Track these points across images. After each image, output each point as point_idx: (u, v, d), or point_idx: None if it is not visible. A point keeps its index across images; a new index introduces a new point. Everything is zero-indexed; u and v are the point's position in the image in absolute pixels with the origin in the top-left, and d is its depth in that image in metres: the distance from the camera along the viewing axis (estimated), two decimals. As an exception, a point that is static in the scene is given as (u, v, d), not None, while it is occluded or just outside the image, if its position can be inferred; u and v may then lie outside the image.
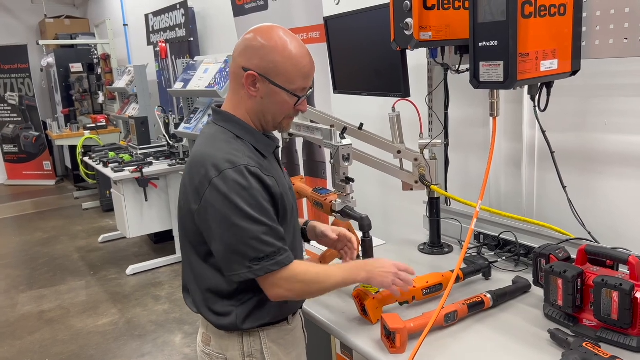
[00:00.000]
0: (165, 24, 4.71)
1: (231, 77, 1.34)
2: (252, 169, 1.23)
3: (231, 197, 1.20)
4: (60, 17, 8.04)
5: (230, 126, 1.32)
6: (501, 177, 2.04)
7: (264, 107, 1.30)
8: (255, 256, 1.22)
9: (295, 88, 1.29)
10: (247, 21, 2.84)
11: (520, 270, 1.67)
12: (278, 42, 1.26)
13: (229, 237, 1.22)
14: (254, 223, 1.21)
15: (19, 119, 8.01)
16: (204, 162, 1.25)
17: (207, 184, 1.22)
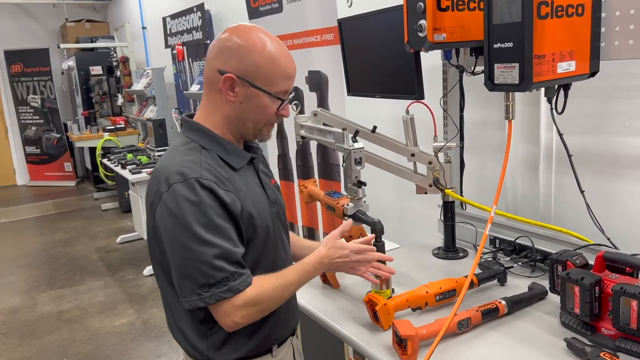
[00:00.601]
0: (182, 26, 4.75)
1: (205, 82, 1.22)
2: (205, 182, 1.11)
3: (179, 214, 1.09)
4: (81, 21, 8.16)
5: (196, 136, 1.21)
6: (518, 181, 2.01)
7: (244, 112, 1.20)
8: (205, 282, 1.10)
9: (278, 91, 1.20)
10: (262, 23, 2.84)
11: (537, 276, 1.63)
12: (257, 42, 1.17)
13: (179, 259, 1.12)
14: (204, 245, 1.09)
15: (41, 121, 8.15)
16: (158, 176, 1.16)
17: (158, 199, 1.13)
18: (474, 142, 2.14)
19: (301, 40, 2.57)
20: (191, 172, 1.12)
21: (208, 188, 1.12)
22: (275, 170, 3.02)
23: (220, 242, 1.11)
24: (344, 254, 1.32)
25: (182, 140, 1.24)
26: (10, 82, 8.14)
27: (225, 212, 1.14)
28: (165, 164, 1.17)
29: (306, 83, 2.60)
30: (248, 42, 1.17)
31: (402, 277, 1.73)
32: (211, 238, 1.10)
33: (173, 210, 1.10)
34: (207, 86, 1.22)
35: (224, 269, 1.11)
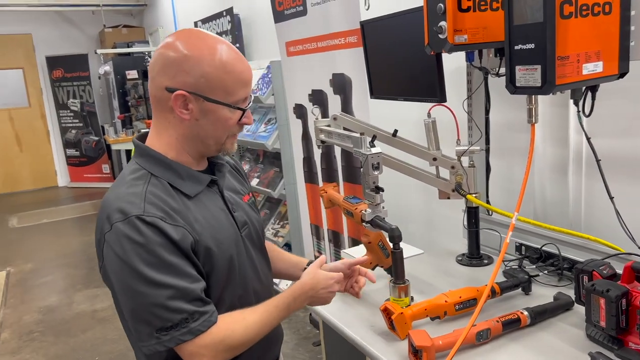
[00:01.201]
0: (212, 30, 4.80)
1: (153, 102, 1.11)
2: (148, 219, 1.01)
3: (124, 257, 0.99)
4: (118, 27, 8.38)
5: (145, 162, 1.11)
6: (546, 185, 1.94)
7: (202, 129, 1.10)
8: (161, 325, 1.01)
9: (236, 100, 1.10)
10: (287, 27, 2.84)
11: (564, 285, 1.57)
12: (204, 49, 1.05)
13: (131, 304, 1.02)
14: (156, 287, 0.99)
15: (80, 124, 8.42)
16: (102, 212, 1.06)
17: (103, 239, 1.03)
18: (501, 145, 2.08)
19: (325, 42, 2.56)
20: (132, 208, 1.02)
21: (152, 224, 1.01)
22: (301, 173, 3.02)
23: (174, 281, 1.01)
24: (328, 284, 1.24)
25: (131, 168, 1.13)
26: (52, 87, 8.43)
27: (176, 249, 1.03)
28: (110, 197, 1.07)
29: (330, 86, 2.59)
30: (194, 52, 1.05)
31: (423, 284, 1.70)
32: (162, 278, 1.00)
33: (118, 253, 1.01)
34: (155, 106, 1.11)
35: (182, 310, 1.01)
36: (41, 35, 8.47)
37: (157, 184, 1.09)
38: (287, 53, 2.92)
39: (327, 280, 1.24)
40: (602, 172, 1.50)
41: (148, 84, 1.12)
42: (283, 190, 3.39)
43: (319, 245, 3.01)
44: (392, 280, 1.48)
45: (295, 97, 2.92)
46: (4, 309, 4.09)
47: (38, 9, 7.94)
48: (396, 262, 1.47)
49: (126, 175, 1.11)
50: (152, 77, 1.09)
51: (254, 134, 3.57)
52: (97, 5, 8.21)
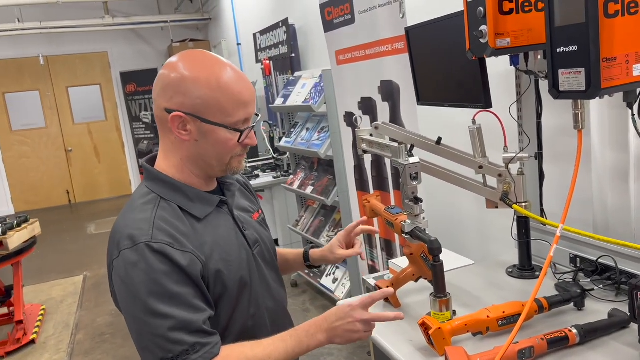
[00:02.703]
0: (269, 41, 4.91)
1: (157, 123, 1.13)
2: (155, 246, 1.01)
3: (130, 284, 1.00)
4: (185, 41, 8.75)
5: (154, 186, 1.12)
6: (607, 192, 1.82)
7: (202, 150, 1.10)
8: (163, 356, 1.00)
9: (236, 121, 1.09)
10: (337, 35, 2.86)
11: (621, 301, 1.46)
12: (201, 71, 1.06)
13: (135, 330, 1.03)
14: (158, 317, 0.99)
15: (151, 135, 8.85)
16: (112, 238, 1.07)
17: (112, 266, 1.05)
18: (556, 151, 1.98)
19: (373, 50, 2.54)
20: (141, 235, 1.02)
21: (159, 252, 1.01)
22: (352, 180, 3.01)
23: (176, 312, 1.00)
24: (345, 312, 1.12)
25: (141, 192, 1.13)
26: (126, 101, 8.94)
27: (183, 276, 1.03)
28: (120, 223, 1.08)
29: (379, 93, 2.57)
30: (191, 73, 1.06)
31: (469, 297, 1.64)
32: (165, 309, 0.99)
33: (124, 280, 1.02)
34: (159, 127, 1.13)
35: (182, 342, 1.00)
36: (116, 52, 9.03)
37: (167, 207, 1.09)
38: (337, 62, 2.93)
39: (344, 311, 1.12)
40: (661, 180, 1.38)
41: (153, 105, 1.14)
42: (337, 197, 3.40)
43: (372, 253, 2.99)
44: (433, 294, 1.44)
45: (346, 105, 2.92)
46: (80, 311, 4.37)
47: (113, 28, 8.46)
48: (436, 275, 1.43)
49: (136, 200, 1.12)
50: (154, 98, 1.11)
51: (308, 142, 3.60)
52: (166, 21, 8.63)
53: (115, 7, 8.36)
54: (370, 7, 2.48)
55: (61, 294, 4.76)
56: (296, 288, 4.15)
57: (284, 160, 4.57)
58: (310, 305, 3.85)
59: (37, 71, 8.62)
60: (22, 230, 3.71)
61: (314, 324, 1.13)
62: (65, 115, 8.99)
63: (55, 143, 8.98)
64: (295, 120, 4.09)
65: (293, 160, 4.34)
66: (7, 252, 3.53)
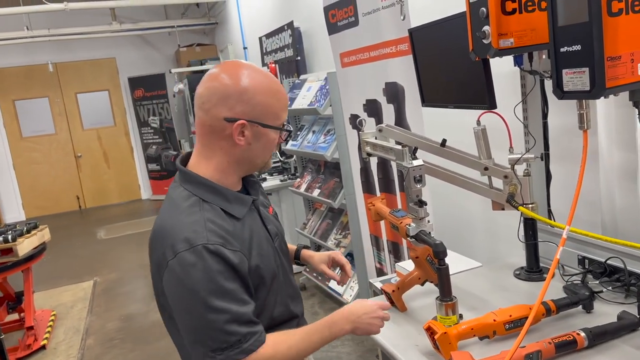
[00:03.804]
0: (275, 45, 4.92)
1: (204, 131, 1.19)
2: (212, 247, 1.10)
3: (188, 283, 1.09)
4: (192, 45, 8.79)
5: (195, 189, 1.19)
6: (615, 192, 1.79)
7: (253, 152, 1.21)
8: (217, 346, 1.10)
9: (281, 122, 1.23)
10: (341, 38, 2.85)
11: (631, 303, 1.44)
12: (256, 81, 1.17)
13: (190, 326, 1.12)
14: (215, 312, 1.09)
15: (160, 140, 8.90)
16: (162, 239, 1.14)
17: (165, 265, 1.12)
18: (563, 151, 1.95)
19: (377, 52, 2.53)
20: (197, 237, 1.10)
21: (215, 253, 1.10)
22: (359, 183, 3.00)
23: (231, 307, 1.11)
24: (371, 309, 1.27)
25: (181, 194, 1.20)
26: (134, 106, 9.00)
27: (234, 274, 1.13)
28: (169, 225, 1.15)
29: (383, 95, 2.56)
30: (250, 83, 1.16)
31: (477, 300, 1.62)
32: (221, 304, 1.10)
33: (182, 279, 1.09)
34: (207, 134, 1.19)
35: (236, 333, 1.11)
36: (124, 58, 9.09)
37: (210, 209, 1.17)
38: (341, 64, 2.92)
39: (370, 306, 1.27)
40: (669, 180, 1.36)
41: (198, 115, 1.19)
42: (343, 200, 3.39)
43: (379, 256, 2.97)
44: (439, 297, 1.43)
45: (351, 108, 2.91)
46: (90, 316, 4.39)
47: (121, 34, 8.52)
48: (442, 278, 1.42)
49: (180, 203, 1.18)
50: (208, 109, 1.16)
51: (314, 145, 3.60)
52: (172, 26, 8.68)
53: (123, 13, 8.42)
54: (374, 9, 2.48)
55: (71, 300, 4.79)
56: (305, 291, 4.15)
57: (291, 163, 4.57)
58: (319, 309, 3.84)
59: (46, 78, 8.70)
60: (31, 236, 3.73)
61: (341, 315, 1.25)
62: (74, 121, 9.06)
63: (65, 149, 9.06)
64: (302, 123, 4.09)
65: (300, 163, 4.33)
66: (17, 258, 3.56)
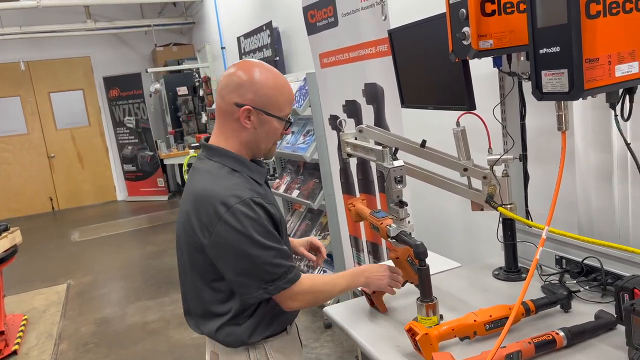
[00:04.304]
0: (254, 45, 4.88)
1: (220, 113, 1.43)
2: (257, 200, 1.34)
3: (242, 229, 1.30)
4: (169, 45, 8.69)
5: (225, 160, 1.41)
6: (591, 193, 1.82)
7: (258, 136, 1.42)
8: (269, 279, 1.34)
9: (285, 114, 1.43)
10: (320, 38, 2.84)
11: (607, 302, 1.46)
12: (265, 77, 1.39)
13: (245, 265, 1.33)
14: (266, 249, 1.32)
15: (136, 140, 8.76)
16: (210, 199, 1.33)
17: (217, 219, 1.31)
18: (540, 152, 1.98)
19: (356, 53, 2.53)
20: (244, 193, 1.33)
21: (260, 205, 1.34)
22: (338, 184, 2.99)
23: (276, 245, 1.35)
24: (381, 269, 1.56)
25: (215, 165, 1.41)
26: (109, 106, 8.84)
27: (272, 222, 1.38)
28: (213, 188, 1.35)
29: (363, 96, 2.55)
30: (259, 78, 1.39)
31: (456, 301, 1.63)
32: (270, 243, 1.33)
33: (237, 227, 1.30)
34: (222, 117, 1.43)
35: (283, 265, 1.35)
36: (99, 57, 8.92)
37: (240, 176, 1.39)
38: (320, 65, 2.91)
39: (381, 266, 1.59)
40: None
41: (217, 101, 1.44)
42: (323, 201, 3.38)
43: (358, 256, 2.97)
44: (420, 298, 1.43)
45: (331, 108, 2.91)
46: (63, 320, 4.29)
47: (95, 33, 8.37)
48: (422, 279, 1.41)
49: (215, 172, 1.39)
50: (223, 95, 1.40)
51: (294, 145, 3.58)
52: (149, 25, 8.56)
53: (98, 11, 8.27)
54: (353, 9, 2.47)
55: (44, 303, 4.67)
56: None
57: (270, 164, 4.53)
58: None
59: (17, 77, 8.48)
60: (2, 239, 3.63)
61: (358, 271, 1.55)
62: (47, 121, 8.86)
63: (38, 149, 8.85)
64: (280, 123, 4.06)
65: (279, 164, 4.31)
66: (-13, 261, 3.46)
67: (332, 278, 1.51)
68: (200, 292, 1.45)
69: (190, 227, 1.39)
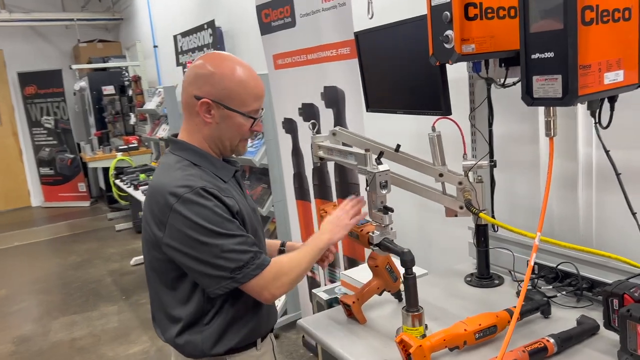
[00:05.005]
0: (193, 44, 4.69)
1: (184, 107, 1.37)
2: (210, 190, 1.27)
3: (195, 219, 1.24)
4: (93, 41, 8.19)
5: (186, 154, 1.35)
6: (553, 200, 1.86)
7: (221, 132, 1.35)
8: (235, 266, 1.26)
9: (250, 110, 1.34)
10: (274, 39, 2.75)
11: (583, 306, 1.48)
12: (227, 69, 1.32)
13: (205, 256, 1.25)
14: (225, 237, 1.25)
15: (55, 142, 8.15)
16: (161, 191, 1.27)
17: (169, 211, 1.25)
18: (504, 159, 2.00)
19: (315, 55, 2.46)
20: (195, 183, 1.27)
21: (213, 194, 1.27)
22: (291, 189, 2.90)
23: (237, 232, 1.28)
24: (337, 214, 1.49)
25: (174, 159, 1.36)
26: (24, 104, 8.16)
27: (230, 213, 1.30)
28: (166, 180, 1.29)
29: (322, 99, 2.49)
30: (219, 69, 1.31)
31: (435, 309, 1.59)
32: (228, 231, 1.26)
33: (189, 216, 1.24)
34: (186, 110, 1.37)
35: (248, 251, 1.27)
36: (12, 51, 8.20)
37: (199, 170, 1.33)
38: (274, 66, 2.82)
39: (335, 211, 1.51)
40: (623, 187, 1.42)
41: (181, 94, 1.37)
42: (272, 207, 3.27)
43: (311, 264, 2.89)
44: (405, 308, 1.37)
45: (284, 111, 2.82)
46: (-25, 339, 3.85)
47: (9, 24, 7.71)
48: (409, 288, 1.36)
49: (173, 164, 1.33)
50: (185, 88, 1.35)
51: (240, 150, 3.44)
52: (71, 19, 8.02)
53: (13, 1, 7.64)
54: (313, 10, 2.41)
55: (-50, 321, 4.18)
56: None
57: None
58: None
59: None
60: None
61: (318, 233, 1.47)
62: (-49, 119, 8.05)
63: (-61, 149, 8.01)
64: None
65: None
66: None
67: (296, 254, 1.40)
68: (159, 293, 1.38)
69: (146, 223, 1.33)
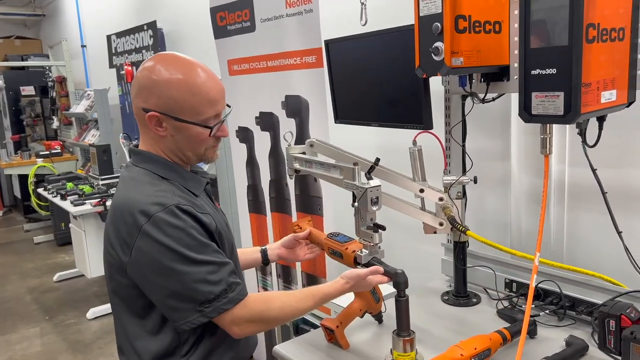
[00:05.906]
0: (130, 45, 4.41)
1: (137, 120, 1.24)
2: (184, 207, 1.14)
3: (166, 242, 1.10)
4: (10, 38, 7.57)
5: (153, 166, 1.22)
6: (522, 216, 1.87)
7: (179, 144, 1.22)
8: (204, 299, 1.13)
9: (206, 118, 1.19)
10: (230, 43, 2.61)
11: (566, 325, 1.48)
12: (172, 76, 1.16)
13: (173, 285, 1.12)
14: (197, 265, 1.12)
15: (-36, 146, 7.40)
16: (129, 209, 1.14)
17: (137, 232, 1.12)
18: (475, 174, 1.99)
19: (277, 62, 2.35)
20: (168, 200, 1.14)
21: (187, 212, 1.15)
22: (243, 202, 2.76)
23: (211, 258, 1.14)
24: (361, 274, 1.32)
25: (140, 172, 1.23)
26: None
27: (207, 232, 1.18)
28: (134, 197, 1.16)
29: (282, 108, 2.38)
30: (163, 77, 1.16)
31: (417, 330, 1.49)
32: (202, 257, 1.13)
33: (159, 239, 1.11)
34: (139, 123, 1.23)
35: (222, 281, 1.14)
36: None
37: (169, 184, 1.21)
38: (229, 72, 2.67)
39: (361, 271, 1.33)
40: (609, 205, 1.43)
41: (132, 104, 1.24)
42: (220, 220, 3.10)
43: (264, 281, 2.75)
44: (396, 332, 1.30)
45: (239, 120, 2.68)
46: None
47: None
48: (401, 311, 1.29)
49: (140, 178, 1.21)
50: (132, 99, 1.22)
51: (185, 158, 3.25)
52: (-15, 12, 7.38)
53: None
54: (276, 15, 2.30)
55: None
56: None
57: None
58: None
59: None
60: None
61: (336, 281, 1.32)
62: None
63: None
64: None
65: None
66: None
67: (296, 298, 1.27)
68: (126, 323, 1.24)
69: (109, 244, 1.19)
